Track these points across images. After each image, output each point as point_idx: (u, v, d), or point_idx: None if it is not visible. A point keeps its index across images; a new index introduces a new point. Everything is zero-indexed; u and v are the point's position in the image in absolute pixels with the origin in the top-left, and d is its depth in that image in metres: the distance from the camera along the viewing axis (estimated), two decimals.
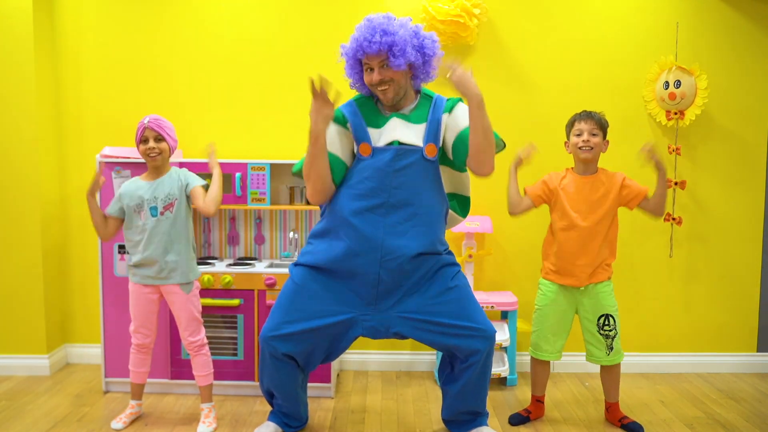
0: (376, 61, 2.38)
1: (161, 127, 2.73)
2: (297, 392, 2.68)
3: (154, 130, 2.71)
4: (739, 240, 3.62)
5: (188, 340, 2.80)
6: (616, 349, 2.83)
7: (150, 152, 2.72)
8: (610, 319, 2.82)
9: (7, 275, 3.46)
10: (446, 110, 2.51)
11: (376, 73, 2.39)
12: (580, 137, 2.79)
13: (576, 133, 2.81)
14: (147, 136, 2.72)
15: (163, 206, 2.75)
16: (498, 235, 3.59)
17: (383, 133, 2.47)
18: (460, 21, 3.32)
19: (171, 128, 2.80)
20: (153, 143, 2.72)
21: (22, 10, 3.34)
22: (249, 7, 3.54)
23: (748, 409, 3.13)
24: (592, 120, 2.79)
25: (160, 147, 2.73)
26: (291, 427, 2.79)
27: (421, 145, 2.45)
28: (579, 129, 2.80)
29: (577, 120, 2.83)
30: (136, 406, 2.92)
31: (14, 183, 3.42)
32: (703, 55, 3.50)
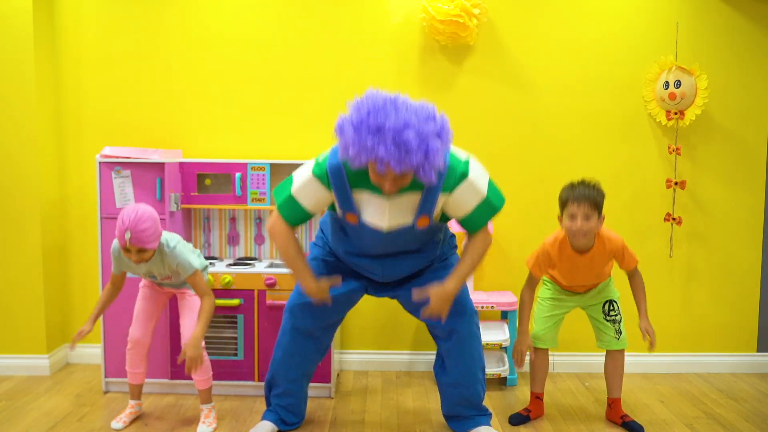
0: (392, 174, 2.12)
1: (142, 241, 2.53)
2: (303, 377, 2.76)
3: (136, 246, 2.55)
4: (739, 240, 3.62)
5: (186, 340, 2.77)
6: (623, 334, 2.90)
7: (136, 260, 2.61)
8: (614, 304, 2.89)
9: (7, 275, 3.45)
10: (446, 189, 2.32)
11: (390, 184, 2.16)
12: (574, 222, 2.61)
13: (569, 215, 2.63)
14: (129, 248, 2.57)
15: (161, 278, 2.79)
16: (498, 235, 3.59)
17: (371, 206, 2.32)
18: (460, 21, 3.32)
19: (152, 233, 2.56)
20: (136, 255, 2.59)
21: (22, 10, 3.34)
22: (249, 6, 3.54)
23: (748, 409, 3.13)
24: (587, 203, 2.59)
25: (143, 256, 2.60)
26: (287, 424, 2.79)
27: (410, 222, 2.36)
28: (572, 212, 2.61)
29: (570, 201, 2.62)
30: (136, 405, 2.92)
31: (14, 183, 3.42)
32: (703, 55, 3.50)
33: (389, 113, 2.03)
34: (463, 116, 3.56)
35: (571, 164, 3.56)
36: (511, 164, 3.57)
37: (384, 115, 2.03)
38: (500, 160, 3.57)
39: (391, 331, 3.65)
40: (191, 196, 3.36)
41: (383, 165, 2.05)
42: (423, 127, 2.04)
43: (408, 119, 2.02)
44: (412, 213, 2.36)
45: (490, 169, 3.60)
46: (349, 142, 2.07)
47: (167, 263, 2.69)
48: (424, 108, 2.10)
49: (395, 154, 2.01)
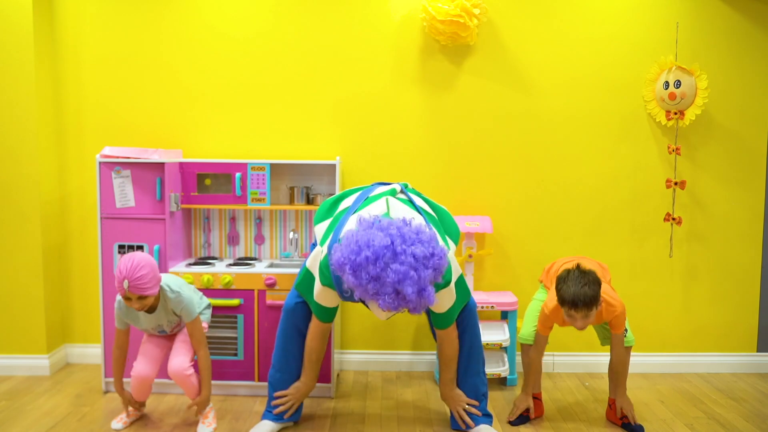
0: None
1: (140, 288, 2.55)
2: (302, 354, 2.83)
3: (135, 294, 2.56)
4: (739, 240, 3.62)
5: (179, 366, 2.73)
6: (629, 332, 2.88)
7: (138, 308, 2.64)
8: None
9: (7, 275, 3.45)
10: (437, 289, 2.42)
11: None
12: (574, 322, 2.68)
13: (568, 316, 2.68)
14: (129, 296, 2.59)
15: (171, 328, 2.83)
16: (498, 235, 3.59)
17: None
18: (460, 21, 3.32)
19: (150, 279, 2.57)
20: (137, 303, 2.61)
21: (22, 10, 3.34)
22: (249, 7, 3.54)
23: (748, 409, 3.13)
24: (584, 308, 2.61)
25: (144, 303, 2.62)
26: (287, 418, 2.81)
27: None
28: (571, 315, 2.66)
29: (567, 307, 2.64)
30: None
31: (14, 183, 3.42)
32: (703, 55, 3.50)
33: (388, 262, 2.16)
34: (463, 116, 3.56)
35: (571, 164, 3.56)
36: (511, 164, 3.57)
37: (383, 265, 2.15)
38: (500, 160, 3.57)
39: (391, 331, 3.65)
40: (191, 196, 3.36)
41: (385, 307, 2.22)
42: (421, 274, 2.17)
43: (406, 271, 2.14)
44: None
45: (490, 169, 3.62)
46: (348, 282, 2.23)
47: (171, 309, 2.73)
48: (423, 245, 2.21)
49: (394, 303, 2.18)
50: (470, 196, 3.59)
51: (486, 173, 3.57)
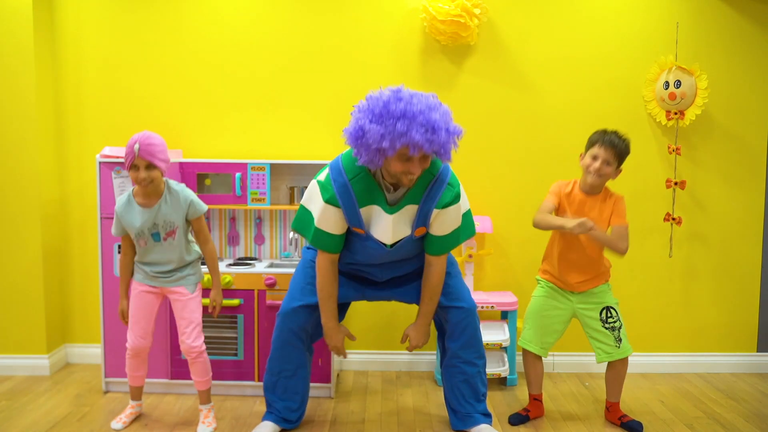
0: (421, 155, 2.22)
1: (152, 154, 2.53)
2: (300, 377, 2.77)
3: (145, 159, 2.52)
4: (739, 240, 3.62)
5: (187, 345, 2.74)
6: (624, 342, 2.83)
7: (141, 182, 2.57)
8: (612, 310, 2.83)
9: (7, 275, 3.45)
10: (440, 206, 2.44)
11: (417, 166, 2.25)
12: (594, 162, 2.72)
13: (592, 155, 2.74)
14: (137, 164, 2.54)
15: (165, 233, 2.71)
16: (498, 235, 3.59)
17: (378, 222, 2.43)
18: (461, 21, 3.32)
19: (162, 150, 2.59)
20: (144, 172, 2.54)
21: (22, 10, 3.34)
22: (249, 7, 3.54)
23: (748, 409, 3.13)
24: (613, 150, 2.70)
25: (151, 175, 2.56)
26: (288, 422, 2.80)
27: (410, 233, 2.51)
28: (596, 153, 2.72)
29: (599, 143, 2.72)
30: (136, 406, 2.92)
31: (14, 183, 3.42)
32: (703, 55, 3.50)
33: (407, 99, 2.14)
34: (464, 116, 3.54)
35: (571, 164, 3.54)
36: (512, 164, 3.57)
37: (404, 101, 2.13)
38: (500, 159, 3.57)
39: (391, 331, 3.65)
40: None
41: (416, 149, 2.15)
42: (441, 108, 2.19)
43: (427, 102, 2.16)
44: (410, 225, 2.49)
45: (491, 169, 3.63)
46: (376, 137, 2.14)
47: (176, 203, 2.67)
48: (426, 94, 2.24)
49: (427, 135, 2.13)
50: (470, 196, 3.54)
51: (486, 173, 3.57)
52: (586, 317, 2.85)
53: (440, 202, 2.43)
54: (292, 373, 2.75)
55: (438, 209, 2.45)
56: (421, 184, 2.43)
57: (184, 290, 2.77)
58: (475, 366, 2.74)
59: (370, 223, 2.47)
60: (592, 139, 2.79)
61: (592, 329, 2.84)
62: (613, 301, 2.86)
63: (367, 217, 2.46)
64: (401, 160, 2.24)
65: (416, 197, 2.43)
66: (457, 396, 2.77)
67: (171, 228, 2.71)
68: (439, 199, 2.43)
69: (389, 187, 2.44)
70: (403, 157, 2.23)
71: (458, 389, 2.77)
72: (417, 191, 2.43)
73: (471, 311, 2.70)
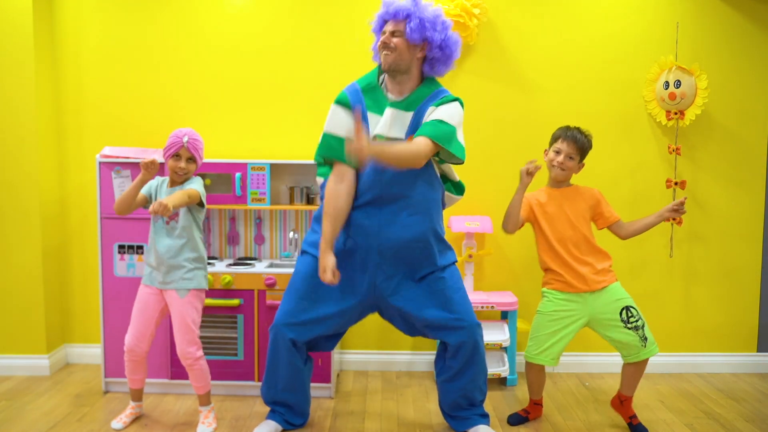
0: (392, 26, 2.47)
1: (197, 149, 2.73)
2: (303, 383, 2.74)
3: (190, 151, 2.70)
4: (739, 240, 3.62)
5: (182, 350, 2.73)
6: (650, 340, 2.76)
7: (179, 171, 2.71)
8: (632, 309, 2.76)
9: (7, 275, 3.45)
10: (435, 104, 2.51)
11: (387, 35, 2.47)
12: (557, 156, 2.83)
13: (555, 150, 2.85)
14: (181, 154, 2.70)
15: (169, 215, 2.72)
16: (498, 235, 3.59)
17: (378, 123, 2.53)
18: (460, 21, 3.32)
19: (203, 149, 2.80)
20: (184, 163, 2.71)
21: (22, 10, 3.34)
22: (249, 7, 3.54)
23: (748, 409, 3.13)
24: (574, 144, 2.81)
25: (189, 168, 2.73)
26: (291, 424, 2.80)
27: (402, 137, 2.50)
28: (559, 148, 2.83)
29: (562, 138, 2.84)
30: (137, 407, 2.92)
31: (14, 183, 3.42)
32: (703, 55, 3.50)
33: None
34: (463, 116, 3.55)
35: None
36: (511, 164, 3.56)
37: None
38: (500, 159, 3.57)
39: (391, 331, 3.64)
40: None
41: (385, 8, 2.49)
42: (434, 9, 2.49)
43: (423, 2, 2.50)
44: (404, 130, 2.53)
45: (490, 169, 3.63)
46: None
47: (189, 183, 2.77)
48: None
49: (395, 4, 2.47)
50: (470, 196, 3.58)
51: (486, 173, 3.57)
52: (607, 321, 2.76)
53: (436, 102, 2.51)
54: (290, 387, 2.72)
55: (433, 106, 2.50)
56: (419, 94, 2.54)
57: (175, 295, 2.75)
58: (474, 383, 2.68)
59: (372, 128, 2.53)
60: (555, 135, 2.89)
61: (616, 332, 2.75)
62: (630, 299, 2.80)
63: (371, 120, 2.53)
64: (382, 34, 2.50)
65: (413, 105, 2.53)
66: (453, 407, 2.75)
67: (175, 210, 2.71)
68: (437, 101, 2.51)
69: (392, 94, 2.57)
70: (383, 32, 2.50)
71: (455, 403, 2.73)
72: (415, 100, 2.53)
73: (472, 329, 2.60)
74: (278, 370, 2.68)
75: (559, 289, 2.82)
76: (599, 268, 2.80)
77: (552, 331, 2.80)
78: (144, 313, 2.78)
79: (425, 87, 2.56)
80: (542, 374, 2.92)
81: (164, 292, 2.77)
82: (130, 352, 2.78)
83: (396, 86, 2.55)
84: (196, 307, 2.78)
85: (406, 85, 2.55)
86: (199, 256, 2.80)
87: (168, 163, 2.73)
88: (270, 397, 2.77)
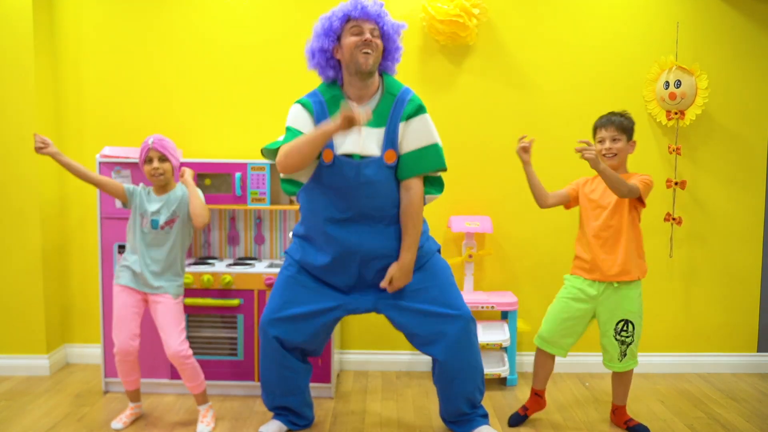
0: (369, 25, 2.43)
1: (165, 147, 2.79)
2: (299, 387, 2.72)
3: (158, 151, 2.77)
4: (739, 240, 3.62)
5: (174, 350, 2.72)
6: (629, 356, 2.77)
7: (154, 173, 2.79)
8: (629, 325, 2.74)
9: (7, 275, 3.46)
10: (404, 117, 2.48)
11: (367, 34, 2.41)
12: (603, 145, 2.77)
13: (598, 141, 2.80)
14: (151, 156, 2.78)
15: (165, 221, 2.79)
16: (498, 235, 3.59)
17: (346, 139, 2.46)
18: (460, 21, 3.32)
19: (174, 148, 2.87)
20: (157, 163, 2.78)
21: (22, 10, 3.34)
22: (248, 8, 3.54)
23: (748, 409, 3.13)
24: (612, 126, 2.75)
25: (163, 167, 2.79)
26: (296, 425, 2.80)
27: (379, 154, 2.47)
28: (601, 137, 2.79)
29: (598, 127, 2.81)
30: (136, 407, 2.92)
31: (14, 183, 3.42)
32: (703, 55, 3.50)
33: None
34: (463, 116, 3.56)
35: (571, 164, 3.55)
36: (511, 164, 3.56)
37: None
38: (500, 159, 3.57)
39: (391, 331, 3.63)
40: None
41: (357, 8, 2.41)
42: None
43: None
44: (379, 145, 2.48)
45: (490, 169, 3.63)
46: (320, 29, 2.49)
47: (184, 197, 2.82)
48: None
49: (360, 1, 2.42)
50: (470, 196, 3.59)
51: (486, 173, 3.57)
52: (602, 320, 2.77)
53: (404, 114, 2.47)
54: (287, 390, 2.71)
55: (403, 123, 2.47)
56: (385, 105, 2.49)
57: (166, 297, 2.77)
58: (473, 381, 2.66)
59: (337, 144, 2.45)
60: (594, 127, 2.85)
61: (604, 335, 2.78)
62: (636, 314, 2.74)
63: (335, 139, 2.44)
64: (353, 35, 2.42)
65: (382, 119, 2.48)
66: (454, 412, 2.73)
67: (172, 217, 2.80)
68: (403, 112, 2.47)
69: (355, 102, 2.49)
70: (353, 32, 2.42)
71: (456, 407, 2.71)
72: (382, 112, 2.48)
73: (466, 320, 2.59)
74: (272, 372, 2.67)
75: (579, 274, 2.81)
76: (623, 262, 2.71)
77: (563, 324, 2.79)
78: (129, 309, 2.78)
79: (387, 93, 2.51)
80: (549, 362, 2.88)
81: (149, 295, 2.79)
82: (124, 353, 2.76)
83: (359, 91, 2.48)
84: (181, 310, 2.84)
85: (371, 88, 2.49)
86: (182, 266, 2.88)
87: (145, 171, 2.82)
88: (270, 403, 2.77)
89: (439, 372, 2.67)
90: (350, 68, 2.45)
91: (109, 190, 2.83)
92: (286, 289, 2.64)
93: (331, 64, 2.51)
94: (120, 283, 2.79)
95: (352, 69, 2.44)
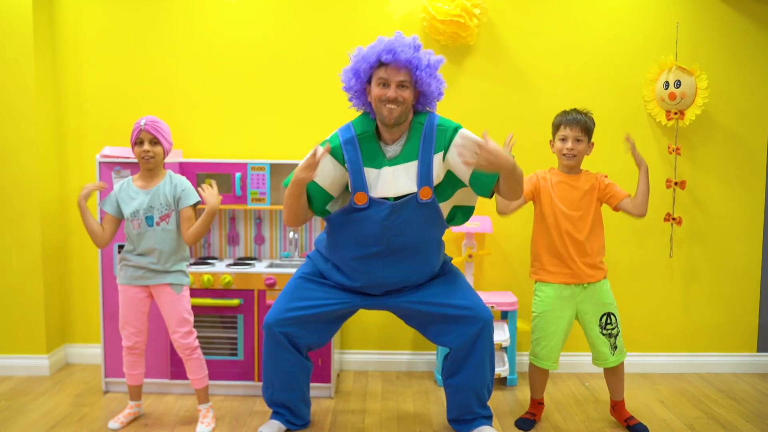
0: (397, 78, 2.33)
1: (157, 130, 2.69)
2: (298, 382, 2.73)
3: (150, 133, 2.67)
4: (739, 240, 3.62)
5: (180, 343, 2.76)
6: (619, 348, 2.81)
7: (144, 155, 2.69)
8: (612, 317, 2.80)
9: (7, 275, 3.46)
10: (438, 149, 2.43)
11: (392, 91, 2.33)
12: (565, 144, 2.77)
13: (560, 138, 2.79)
14: (142, 138, 2.68)
15: (160, 216, 2.73)
16: (498, 235, 3.59)
17: (379, 180, 2.43)
18: (460, 21, 3.32)
19: (167, 131, 2.76)
20: (148, 146, 2.68)
21: (22, 10, 3.34)
22: (248, 7, 3.54)
23: (748, 409, 3.13)
24: (578, 126, 2.74)
25: (155, 150, 2.70)
26: (294, 425, 2.80)
27: (415, 190, 2.44)
28: (563, 135, 2.77)
29: (563, 124, 2.78)
30: (135, 406, 2.92)
31: (14, 183, 3.42)
32: (703, 55, 3.50)
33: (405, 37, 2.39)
34: (463, 116, 3.54)
35: None
36: None
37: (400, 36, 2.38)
38: None
39: (391, 331, 3.65)
40: None
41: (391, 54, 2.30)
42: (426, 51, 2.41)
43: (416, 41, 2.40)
44: (414, 180, 2.44)
45: None
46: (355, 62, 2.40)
47: (174, 188, 2.73)
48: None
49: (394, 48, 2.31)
50: None
51: None
52: (588, 321, 2.81)
53: (439, 145, 2.42)
54: (286, 385, 2.71)
55: (441, 153, 2.42)
56: (415, 138, 2.44)
57: (169, 290, 2.75)
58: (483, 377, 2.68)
59: (371, 185, 2.43)
60: (556, 122, 2.82)
61: (592, 334, 2.82)
62: (613, 305, 2.81)
63: (369, 179, 2.43)
64: (378, 86, 2.35)
65: (413, 152, 2.43)
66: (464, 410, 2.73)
67: (166, 211, 2.74)
68: (436, 144, 2.42)
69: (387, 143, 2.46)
70: (380, 82, 2.35)
71: (464, 400, 2.71)
72: (413, 146, 2.43)
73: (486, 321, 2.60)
74: (272, 365, 2.68)
75: (548, 280, 2.83)
76: (590, 260, 2.79)
77: (551, 332, 2.81)
78: (134, 308, 2.78)
79: (414, 122, 2.46)
80: (545, 375, 2.92)
81: (153, 288, 2.77)
82: (132, 348, 2.80)
83: (390, 135, 2.46)
84: (188, 299, 2.82)
85: (402, 126, 2.44)
86: (186, 254, 2.84)
87: (135, 153, 2.72)
88: (269, 397, 2.78)
89: (451, 361, 2.69)
90: (377, 116, 2.42)
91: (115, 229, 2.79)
92: (293, 292, 2.66)
93: (362, 100, 2.48)
94: (122, 282, 2.80)
95: (378, 118, 2.42)
